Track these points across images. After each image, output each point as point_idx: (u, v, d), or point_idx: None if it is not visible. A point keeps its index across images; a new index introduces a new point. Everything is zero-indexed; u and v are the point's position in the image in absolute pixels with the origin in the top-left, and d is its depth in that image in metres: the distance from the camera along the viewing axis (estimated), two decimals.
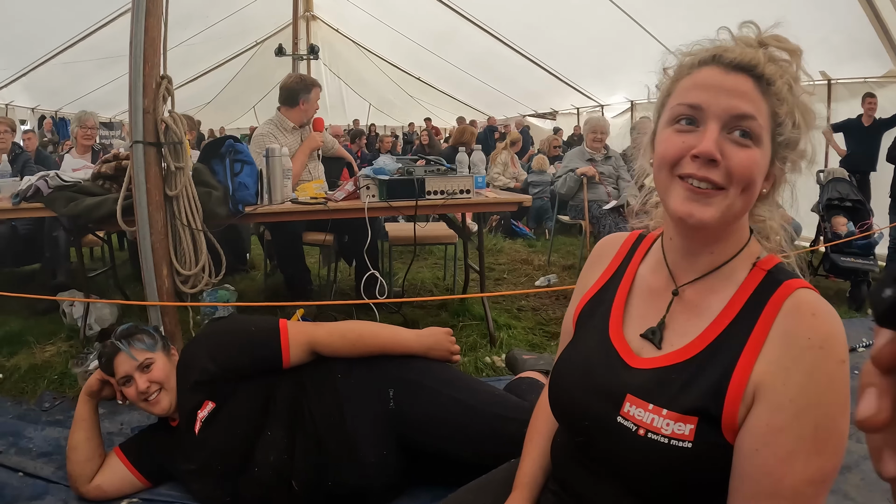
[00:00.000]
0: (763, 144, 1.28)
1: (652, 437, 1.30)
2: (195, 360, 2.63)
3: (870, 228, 6.54)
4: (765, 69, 1.28)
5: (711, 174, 1.27)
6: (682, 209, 1.30)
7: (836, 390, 1.21)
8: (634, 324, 1.51)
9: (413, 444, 2.59)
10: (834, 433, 1.20)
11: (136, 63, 3.75)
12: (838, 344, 1.22)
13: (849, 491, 3.03)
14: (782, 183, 1.41)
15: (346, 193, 4.40)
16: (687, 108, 1.31)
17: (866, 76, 8.83)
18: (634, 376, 1.40)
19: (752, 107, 1.27)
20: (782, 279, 1.33)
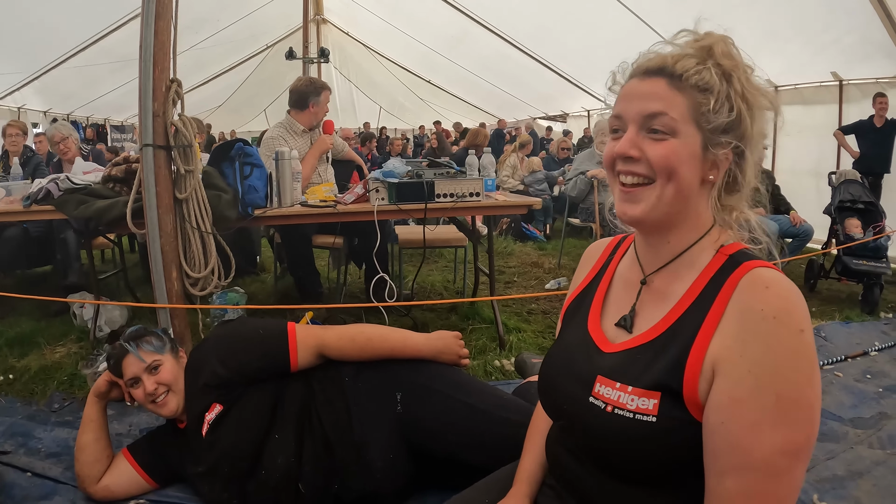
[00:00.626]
0: (682, 135, 1.36)
1: (618, 413, 1.39)
2: (204, 362, 2.63)
3: (882, 230, 6.50)
4: (675, 67, 1.38)
5: (635, 168, 1.40)
6: (618, 209, 1.46)
7: (796, 359, 1.25)
8: (611, 315, 1.63)
9: (421, 448, 2.58)
10: (800, 403, 1.24)
11: (146, 67, 3.76)
12: (795, 314, 1.27)
13: (861, 498, 2.98)
14: (742, 168, 1.45)
15: (356, 196, 4.40)
16: (614, 119, 1.47)
17: (878, 76, 8.78)
18: (605, 359, 1.52)
19: (661, 104, 1.37)
20: (742, 260, 1.39)
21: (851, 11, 7.63)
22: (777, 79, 10.13)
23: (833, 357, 4.76)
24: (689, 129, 1.36)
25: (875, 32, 7.81)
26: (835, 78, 9.42)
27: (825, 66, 9.20)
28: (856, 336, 5.33)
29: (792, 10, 8.17)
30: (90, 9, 10.90)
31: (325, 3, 16.57)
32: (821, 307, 6.25)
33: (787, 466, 1.24)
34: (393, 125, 25.91)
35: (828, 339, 5.20)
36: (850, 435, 3.59)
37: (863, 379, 4.41)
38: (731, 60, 1.39)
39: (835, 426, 3.68)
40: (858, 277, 6.38)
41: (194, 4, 11.09)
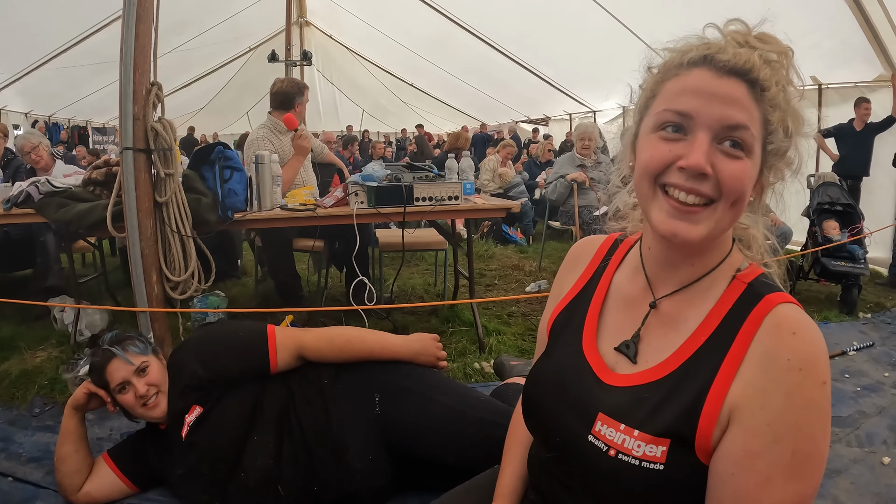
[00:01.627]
0: (754, 155, 1.21)
1: (622, 458, 1.26)
2: (184, 364, 2.64)
3: (860, 232, 6.56)
4: (760, 73, 1.19)
5: (701, 187, 1.20)
6: (665, 227, 1.24)
7: (816, 413, 1.16)
8: (609, 335, 1.47)
9: (400, 449, 2.59)
10: (813, 456, 1.16)
11: (127, 70, 3.76)
12: (819, 365, 1.17)
13: (838, 495, 3.02)
14: (768, 190, 1.34)
15: (336, 200, 4.42)
16: (675, 116, 1.22)
17: (857, 81, 8.86)
18: (607, 394, 1.36)
19: (745, 116, 1.19)
20: (763, 293, 1.26)
21: (831, 16, 7.68)
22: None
23: None
24: (758, 149, 1.22)
25: (854, 37, 7.87)
26: (814, 82, 9.47)
27: (805, 70, 9.15)
28: (834, 336, 5.39)
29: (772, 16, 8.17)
30: (73, 10, 10.86)
31: (309, 6, 16.52)
32: None
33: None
34: (376, 128, 25.92)
35: None
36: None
37: (841, 378, 4.46)
38: (788, 78, 1.24)
39: None
40: (837, 279, 6.47)
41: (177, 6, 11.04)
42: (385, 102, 22.76)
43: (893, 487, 3.10)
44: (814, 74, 9.30)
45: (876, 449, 3.48)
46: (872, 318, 6.08)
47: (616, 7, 9.57)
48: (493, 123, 21.58)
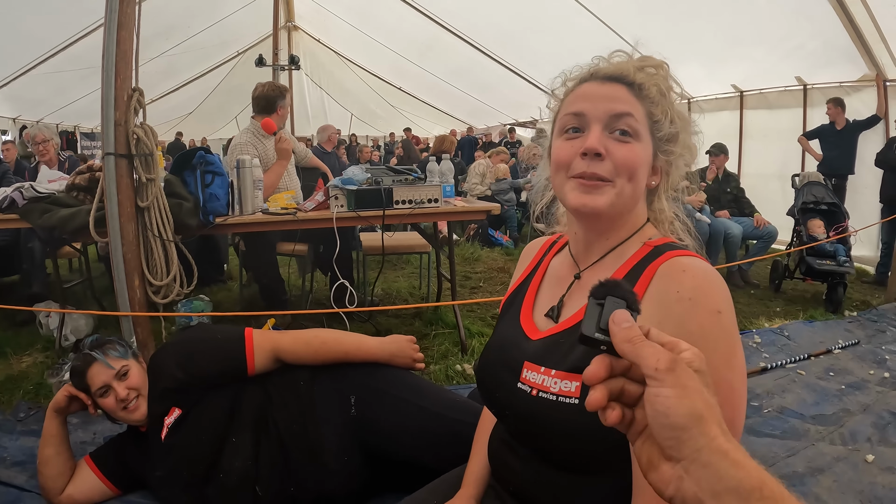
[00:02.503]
0: (642, 139, 1.43)
1: (542, 396, 1.42)
2: (163, 367, 2.65)
3: (845, 231, 6.61)
4: (635, 77, 1.45)
5: (599, 169, 1.40)
6: (576, 201, 1.44)
7: (712, 340, 1.24)
8: (542, 307, 1.65)
9: (376, 451, 2.61)
10: (718, 385, 1.11)
11: (108, 76, 3.78)
12: (712, 295, 1.28)
13: (821, 494, 3.04)
14: (671, 175, 1.55)
15: (317, 203, 4.43)
16: (572, 117, 1.46)
17: (841, 81, 8.93)
18: (532, 346, 1.54)
19: (628, 106, 1.42)
20: (665, 251, 1.43)
21: (815, 17, 7.75)
22: (742, 84, 10.28)
23: (796, 355, 4.85)
24: (646, 135, 1.44)
25: (838, 38, 7.96)
26: (799, 83, 9.56)
27: (790, 70, 9.34)
28: (819, 335, 5.44)
29: (756, 17, 8.28)
30: (59, 15, 10.84)
31: (297, 10, 16.55)
32: (785, 307, 6.38)
33: None
34: (364, 132, 25.87)
35: (791, 339, 5.30)
36: (811, 432, 3.66)
37: (826, 377, 4.49)
38: (666, 84, 1.49)
39: (796, 424, 3.74)
40: (822, 277, 6.51)
41: (165, 11, 11.07)
42: (373, 106, 22.73)
43: (877, 485, 3.11)
44: (798, 75, 9.38)
45: (860, 447, 3.49)
46: (858, 317, 6.13)
47: (600, 9, 9.61)
48: (480, 126, 21.58)
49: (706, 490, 0.80)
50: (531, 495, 1.56)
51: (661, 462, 0.87)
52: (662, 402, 0.83)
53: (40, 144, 6.93)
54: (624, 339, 0.88)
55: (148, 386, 2.70)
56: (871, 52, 8.02)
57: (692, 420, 0.82)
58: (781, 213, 7.73)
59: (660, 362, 0.85)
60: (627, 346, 0.88)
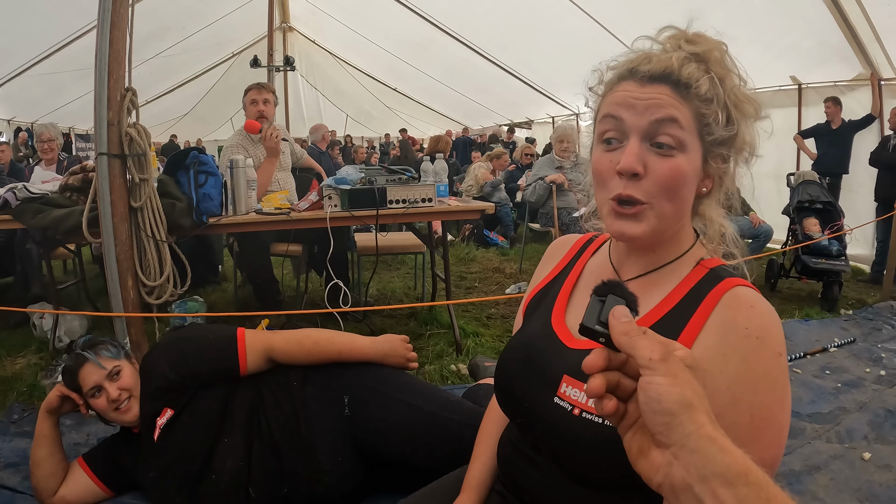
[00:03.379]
0: (688, 149, 1.29)
1: (586, 417, 1.32)
2: (155, 367, 2.63)
3: (840, 229, 6.62)
4: (681, 74, 1.29)
5: (635, 191, 1.29)
6: (613, 229, 1.35)
7: (773, 381, 1.22)
8: (577, 311, 1.53)
9: (370, 451, 2.60)
10: (771, 423, 1.21)
11: (101, 76, 3.76)
12: (775, 336, 1.24)
13: (817, 492, 3.04)
14: (727, 177, 1.43)
15: (310, 203, 4.43)
16: (610, 121, 1.33)
17: (836, 80, 8.94)
18: (572, 356, 1.42)
19: (671, 111, 1.28)
20: (724, 276, 1.35)
21: (809, 16, 7.76)
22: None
23: (792, 354, 4.87)
24: (694, 142, 1.30)
25: (832, 37, 7.96)
26: (794, 82, 9.56)
27: (784, 70, 9.32)
28: (815, 333, 5.45)
29: (751, 16, 8.27)
30: (53, 16, 10.80)
31: (292, 11, 16.53)
32: (781, 306, 6.38)
33: None
34: (360, 133, 25.86)
35: (787, 337, 5.24)
36: (807, 430, 3.67)
37: (821, 375, 4.50)
38: (724, 69, 1.33)
39: (792, 422, 3.68)
40: (818, 276, 6.54)
41: (159, 11, 11.05)
42: (369, 107, 22.74)
43: (873, 483, 3.12)
44: (793, 74, 9.38)
45: (856, 445, 3.50)
46: (854, 315, 6.14)
47: (596, 9, 9.61)
48: (476, 127, 21.59)
49: (694, 474, 0.83)
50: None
51: (651, 449, 0.90)
52: (655, 388, 0.87)
53: (45, 143, 6.97)
54: (622, 331, 0.92)
55: (140, 387, 2.68)
56: (866, 51, 8.02)
57: (682, 407, 0.85)
58: (776, 212, 7.78)
59: (654, 353, 0.88)
60: (624, 338, 0.91)
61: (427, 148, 10.98)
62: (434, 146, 10.12)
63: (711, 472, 0.82)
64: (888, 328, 5.70)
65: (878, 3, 7.27)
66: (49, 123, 7.52)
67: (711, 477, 0.82)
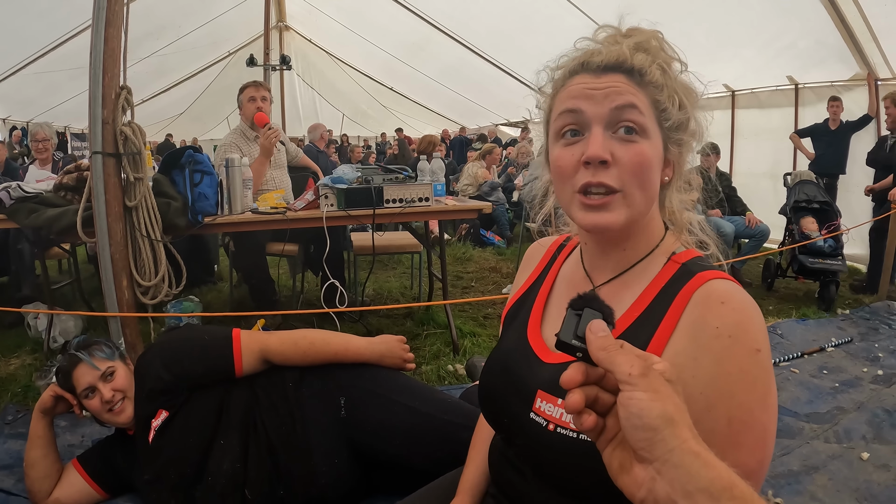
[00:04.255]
0: (650, 135, 1.28)
1: (561, 432, 1.29)
2: (149, 369, 2.61)
3: (837, 229, 6.63)
4: (633, 61, 1.29)
5: (605, 178, 1.25)
6: (585, 221, 1.30)
7: (751, 381, 1.17)
8: (552, 322, 1.51)
9: (367, 453, 2.58)
10: (751, 426, 1.16)
11: (96, 73, 3.76)
12: (751, 332, 1.19)
13: (816, 492, 3.04)
14: (682, 167, 1.41)
15: (306, 203, 4.40)
16: (568, 115, 1.30)
17: (833, 80, 8.96)
18: (545, 371, 1.40)
19: (630, 98, 1.26)
20: (696, 271, 1.30)
21: (806, 16, 7.76)
22: (734, 83, 10.29)
23: (789, 354, 4.86)
24: (654, 128, 1.29)
25: (829, 37, 7.97)
26: (790, 82, 9.58)
27: (781, 70, 9.35)
28: (812, 333, 5.46)
29: (748, 16, 8.28)
30: (49, 15, 10.77)
31: (288, 10, 16.49)
32: (778, 305, 6.40)
33: None
34: (356, 133, 25.84)
35: (784, 337, 5.30)
36: (805, 430, 3.67)
37: (819, 375, 4.50)
38: (666, 55, 1.33)
39: (790, 422, 3.75)
40: (815, 276, 6.56)
41: (155, 10, 11.00)
42: (365, 107, 22.69)
43: (872, 483, 3.12)
44: (790, 74, 9.39)
45: (854, 444, 3.50)
46: (850, 315, 6.15)
47: (592, 8, 9.59)
48: (472, 127, 21.58)
49: (678, 490, 0.82)
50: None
51: (633, 465, 0.89)
52: (636, 404, 0.87)
53: (40, 142, 6.97)
54: (599, 347, 0.91)
55: (134, 388, 2.66)
56: (863, 51, 8.04)
57: (664, 422, 0.85)
58: (773, 211, 7.80)
59: (633, 368, 0.88)
60: (602, 353, 0.91)
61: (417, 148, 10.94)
62: (424, 146, 10.09)
63: (696, 487, 0.81)
64: (885, 328, 5.71)
65: (876, 4, 7.27)
66: (44, 123, 7.52)
67: (696, 492, 0.81)
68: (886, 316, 6.04)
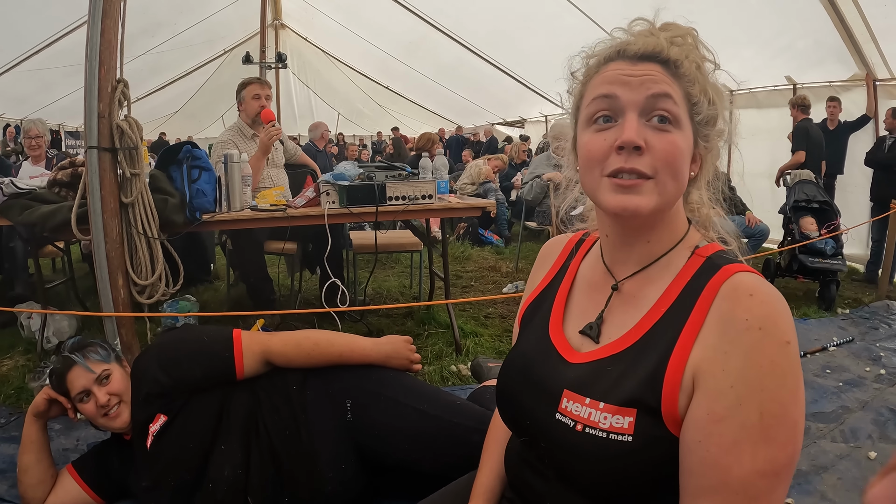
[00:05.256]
0: (683, 126, 1.27)
1: (590, 433, 1.27)
2: (147, 371, 2.54)
3: (837, 229, 6.67)
4: (669, 53, 1.28)
5: (638, 164, 1.24)
6: (615, 203, 1.27)
7: (781, 374, 1.15)
8: (575, 321, 1.50)
9: (373, 456, 2.53)
10: (783, 420, 1.14)
11: (92, 66, 3.70)
12: (781, 325, 1.17)
13: (826, 491, 3.04)
14: (709, 163, 1.40)
15: (307, 200, 4.35)
16: (603, 101, 1.29)
17: (831, 80, 9.01)
18: (571, 371, 1.38)
19: (665, 87, 1.26)
20: (721, 264, 1.29)
21: (805, 16, 7.80)
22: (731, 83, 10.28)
23: None
24: (686, 121, 1.29)
25: (828, 37, 8.02)
26: (789, 82, 9.63)
27: (779, 70, 9.41)
28: (814, 332, 5.50)
29: (746, 16, 8.31)
30: (44, 11, 10.72)
31: (284, 8, 16.46)
32: None
33: (768, 488, 1.13)
34: (351, 131, 25.97)
35: None
36: (812, 430, 3.67)
37: (822, 374, 4.53)
38: (699, 54, 1.33)
39: None
40: (815, 275, 6.62)
41: (151, 7, 10.98)
42: (360, 105, 22.78)
43: None
44: (788, 74, 9.44)
45: (861, 444, 3.52)
46: (851, 314, 6.22)
47: (590, 7, 9.58)
48: (468, 126, 21.65)
49: None
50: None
51: None
52: None
53: (33, 139, 6.93)
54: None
55: (132, 391, 2.59)
56: (862, 51, 8.08)
57: None
58: (771, 211, 7.90)
59: None
60: None
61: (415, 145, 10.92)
62: (423, 143, 10.06)
63: None
64: (885, 327, 5.79)
65: (875, 4, 7.30)
66: (37, 119, 7.48)
67: None
68: (886, 315, 6.13)
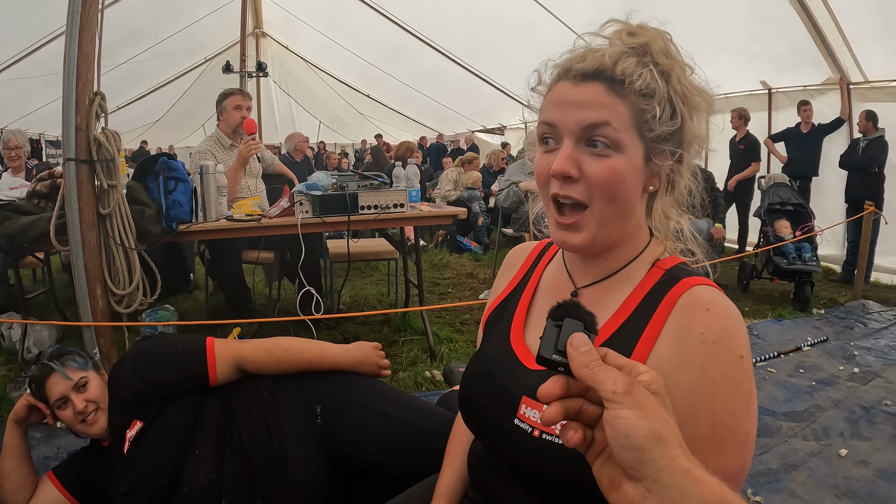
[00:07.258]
0: (625, 148, 1.25)
1: (546, 438, 1.29)
2: (123, 378, 2.58)
3: (811, 230, 6.72)
4: (614, 70, 1.24)
5: (572, 192, 1.27)
6: (556, 238, 1.35)
7: (734, 386, 1.18)
8: (536, 327, 1.51)
9: (344, 461, 2.57)
10: (735, 432, 1.17)
11: (69, 79, 3.74)
12: (735, 339, 1.20)
13: (795, 489, 3.09)
14: (680, 173, 1.38)
15: (281, 210, 4.40)
16: (545, 127, 1.32)
17: (806, 84, 9.14)
18: (531, 377, 1.38)
19: (603, 113, 1.24)
20: (680, 277, 1.31)
21: (779, 22, 7.88)
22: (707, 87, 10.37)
23: (766, 354, 4.94)
24: (633, 140, 1.25)
25: (802, 42, 8.12)
26: (764, 86, 9.71)
27: (754, 74, 9.47)
28: (788, 332, 5.57)
29: (722, 21, 8.37)
30: (24, 20, 10.69)
31: (265, 17, 16.44)
32: (754, 306, 6.50)
33: None
34: (333, 140, 25.83)
35: (761, 337, 5.39)
36: (783, 429, 3.73)
37: (796, 374, 4.58)
38: (669, 59, 1.28)
39: (768, 421, 3.81)
40: (790, 276, 6.68)
41: (131, 16, 10.93)
42: (342, 114, 22.65)
43: (851, 479, 3.19)
44: (763, 79, 9.52)
45: (832, 442, 3.58)
46: (826, 314, 6.29)
47: (567, 15, 9.63)
48: (449, 133, 21.60)
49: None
50: None
51: (622, 482, 0.88)
52: (622, 423, 0.85)
53: (12, 150, 6.91)
54: (581, 363, 0.89)
55: (109, 398, 2.63)
56: (835, 55, 8.19)
57: (652, 440, 0.84)
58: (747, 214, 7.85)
59: (617, 385, 0.86)
60: (585, 370, 0.89)
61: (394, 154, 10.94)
62: (402, 152, 10.09)
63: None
64: (860, 326, 5.85)
65: (847, 9, 7.37)
66: (17, 130, 7.48)
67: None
68: (861, 315, 6.20)
